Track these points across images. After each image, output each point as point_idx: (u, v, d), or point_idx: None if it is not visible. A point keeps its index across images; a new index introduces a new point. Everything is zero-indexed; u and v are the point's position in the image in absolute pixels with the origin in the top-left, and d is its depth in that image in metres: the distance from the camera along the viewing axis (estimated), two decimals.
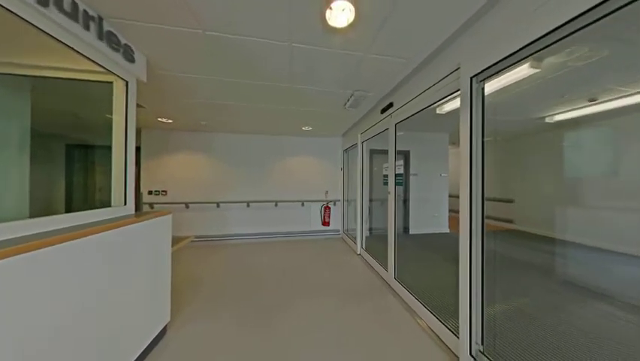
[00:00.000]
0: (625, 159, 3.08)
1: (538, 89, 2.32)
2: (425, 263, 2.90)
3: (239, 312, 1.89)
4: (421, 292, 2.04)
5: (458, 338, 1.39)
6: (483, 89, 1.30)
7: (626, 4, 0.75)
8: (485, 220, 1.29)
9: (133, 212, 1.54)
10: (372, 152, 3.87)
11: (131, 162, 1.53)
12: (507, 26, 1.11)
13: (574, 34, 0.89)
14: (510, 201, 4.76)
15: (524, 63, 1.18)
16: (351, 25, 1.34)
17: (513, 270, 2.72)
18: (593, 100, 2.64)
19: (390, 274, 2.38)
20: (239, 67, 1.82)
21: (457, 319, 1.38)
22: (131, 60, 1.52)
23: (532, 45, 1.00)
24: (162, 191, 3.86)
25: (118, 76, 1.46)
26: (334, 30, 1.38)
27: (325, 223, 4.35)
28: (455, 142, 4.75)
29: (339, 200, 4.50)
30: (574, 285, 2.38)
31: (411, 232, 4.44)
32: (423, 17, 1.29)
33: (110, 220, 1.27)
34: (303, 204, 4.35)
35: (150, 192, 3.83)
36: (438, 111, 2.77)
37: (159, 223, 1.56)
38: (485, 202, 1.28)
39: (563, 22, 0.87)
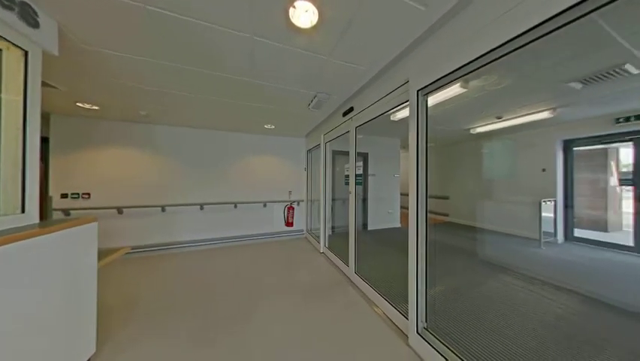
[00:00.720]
0: (520, 165, 4.10)
1: (466, 105, 2.83)
2: (381, 256, 3.17)
3: (188, 331, 1.67)
4: (378, 282, 2.22)
5: (408, 319, 1.57)
6: (427, 101, 1.50)
7: (515, 49, 0.99)
8: (428, 215, 1.49)
9: (36, 221, 1.19)
10: (335, 153, 4.02)
11: (33, 157, 1.18)
12: (444, 51, 1.31)
13: (489, 64, 1.12)
14: (446, 197, 5.66)
15: (456, 83, 1.43)
16: (314, 28, 1.36)
17: (447, 255, 3.24)
18: (499, 117, 3.38)
19: (351, 269, 2.51)
20: (191, 53, 1.62)
21: (407, 303, 1.56)
22: (34, 25, 1.18)
23: (463, 68, 1.21)
24: (84, 194, 3.11)
25: (10, 42, 1.11)
26: (298, 30, 1.37)
27: (289, 224, 4.29)
28: (405, 146, 5.37)
29: (302, 200, 4.51)
30: (489, 263, 2.99)
31: (369, 228, 4.79)
32: (377, 34, 1.41)
33: None
34: (265, 205, 4.18)
35: (65, 196, 3.04)
36: (392, 118, 3.07)
37: (78, 234, 1.25)
38: (428, 199, 1.49)
39: (482, 53, 1.10)
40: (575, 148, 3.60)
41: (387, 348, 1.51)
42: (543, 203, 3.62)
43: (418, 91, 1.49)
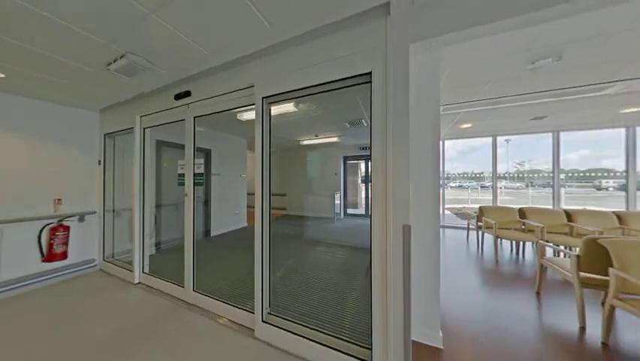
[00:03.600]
0: (325, 169, 6.16)
1: (297, 121, 3.62)
2: (226, 262, 2.98)
3: None
4: (222, 291, 2.06)
5: (254, 313, 1.64)
6: (270, 110, 1.68)
7: (336, 88, 1.48)
8: (272, 211, 1.68)
9: None
10: (161, 144, 3.05)
11: None
12: (284, 72, 1.55)
13: (307, 96, 1.52)
14: (284, 194, 6.81)
15: (291, 102, 1.76)
16: None
17: (285, 242, 3.92)
18: (317, 135, 4.79)
19: (187, 289, 2.05)
20: None
21: (253, 298, 1.63)
22: None
23: (293, 92, 1.52)
24: None
25: None
26: None
27: (53, 257, 2.45)
28: (251, 148, 5.58)
29: (93, 211, 2.82)
30: (311, 240, 4.10)
31: (212, 233, 4.27)
32: (223, 24, 1.31)
33: None
34: None
35: None
36: (238, 117, 3.01)
37: None
38: (272, 197, 1.68)
39: (302, 87, 1.46)
40: (347, 161, 6.17)
41: (232, 352, 1.46)
42: (335, 194, 5.76)
43: (263, 98, 1.62)
